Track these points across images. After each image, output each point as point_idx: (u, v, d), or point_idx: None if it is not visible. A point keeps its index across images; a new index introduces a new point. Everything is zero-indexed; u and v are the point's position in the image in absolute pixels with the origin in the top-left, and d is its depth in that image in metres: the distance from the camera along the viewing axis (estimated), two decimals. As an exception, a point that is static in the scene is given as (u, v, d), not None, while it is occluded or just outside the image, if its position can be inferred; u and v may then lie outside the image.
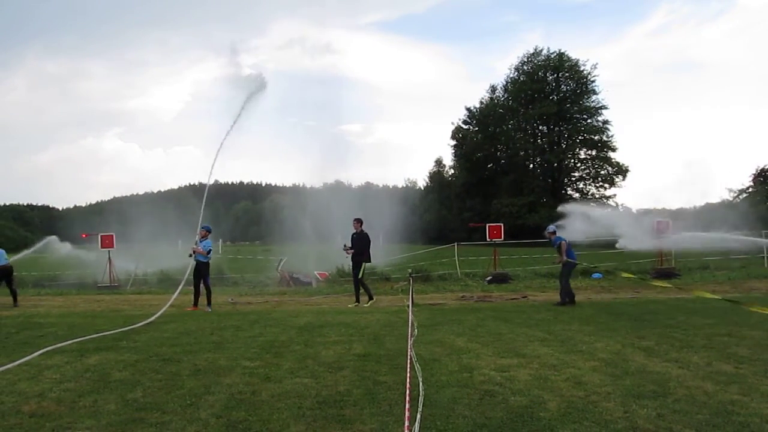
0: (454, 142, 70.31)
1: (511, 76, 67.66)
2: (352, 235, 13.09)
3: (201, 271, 12.30)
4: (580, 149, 63.84)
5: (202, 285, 12.35)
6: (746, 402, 4.74)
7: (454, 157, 72.04)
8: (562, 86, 64.28)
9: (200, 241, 12.39)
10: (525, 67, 66.01)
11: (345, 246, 13.36)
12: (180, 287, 12.99)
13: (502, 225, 19.72)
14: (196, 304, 12.31)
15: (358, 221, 13.13)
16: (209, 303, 12.20)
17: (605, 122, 62.03)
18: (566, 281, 11.85)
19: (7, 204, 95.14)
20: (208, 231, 12.67)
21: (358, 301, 12.78)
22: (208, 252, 12.39)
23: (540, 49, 65.64)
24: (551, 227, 12.71)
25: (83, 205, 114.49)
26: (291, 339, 8.09)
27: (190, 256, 12.34)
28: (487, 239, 19.37)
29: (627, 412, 4.52)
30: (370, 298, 12.90)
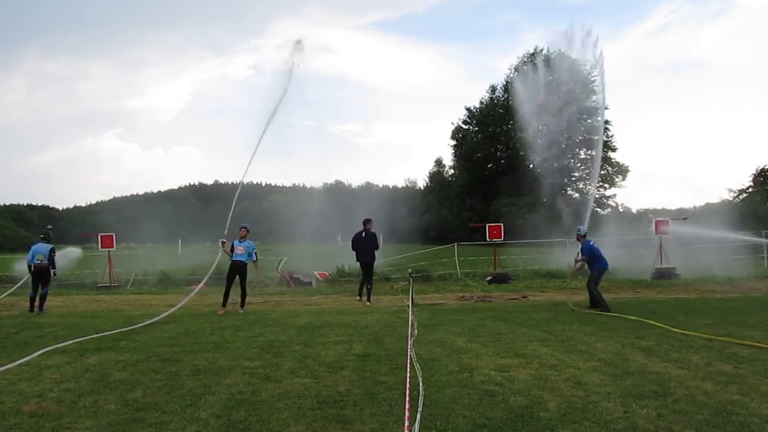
0: (454, 142, 70.31)
1: (511, 76, 67.68)
2: None
3: (241, 272, 11.70)
4: (580, 149, 63.83)
5: (234, 286, 11.80)
6: (746, 402, 4.74)
7: (454, 157, 72.02)
8: (562, 86, 64.26)
9: (240, 241, 11.81)
10: (525, 67, 65.99)
11: None
12: (199, 286, 13.05)
13: (501, 225, 19.73)
14: (225, 305, 11.71)
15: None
16: (243, 305, 11.84)
17: (605, 122, 62.04)
18: (595, 287, 11.18)
19: (7, 204, 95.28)
20: (248, 230, 12.08)
21: (366, 299, 13.05)
22: (251, 252, 11.78)
23: (540, 49, 65.67)
24: (582, 228, 11.97)
25: (83, 205, 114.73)
26: (291, 339, 8.09)
27: (229, 255, 11.79)
28: (487, 239, 19.38)
29: (627, 412, 4.52)
30: (364, 298, 13.08)
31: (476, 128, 68.91)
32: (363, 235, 13.13)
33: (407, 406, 4.29)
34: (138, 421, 4.46)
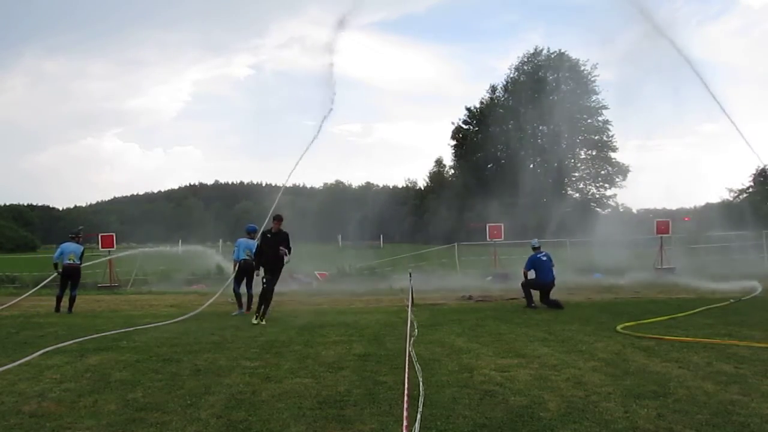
0: (454, 142, 70.35)
1: (512, 76, 67.64)
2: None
3: (244, 272, 11.58)
4: (580, 149, 63.80)
5: (244, 286, 11.66)
6: (746, 402, 4.74)
7: (454, 157, 72.02)
8: (563, 86, 64.21)
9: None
10: (525, 67, 65.95)
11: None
12: (225, 284, 13.18)
13: (502, 225, 19.76)
14: (241, 306, 11.57)
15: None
16: (240, 306, 11.52)
17: (605, 122, 62.04)
18: (525, 286, 11.72)
19: (8, 204, 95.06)
20: (248, 232, 12.02)
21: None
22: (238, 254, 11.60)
23: (540, 48, 65.62)
24: (535, 241, 12.58)
25: (83, 205, 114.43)
26: (291, 339, 8.09)
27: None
28: (488, 239, 19.39)
29: (627, 412, 4.52)
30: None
31: (476, 128, 68.90)
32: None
33: (407, 406, 4.29)
34: (138, 421, 4.45)
